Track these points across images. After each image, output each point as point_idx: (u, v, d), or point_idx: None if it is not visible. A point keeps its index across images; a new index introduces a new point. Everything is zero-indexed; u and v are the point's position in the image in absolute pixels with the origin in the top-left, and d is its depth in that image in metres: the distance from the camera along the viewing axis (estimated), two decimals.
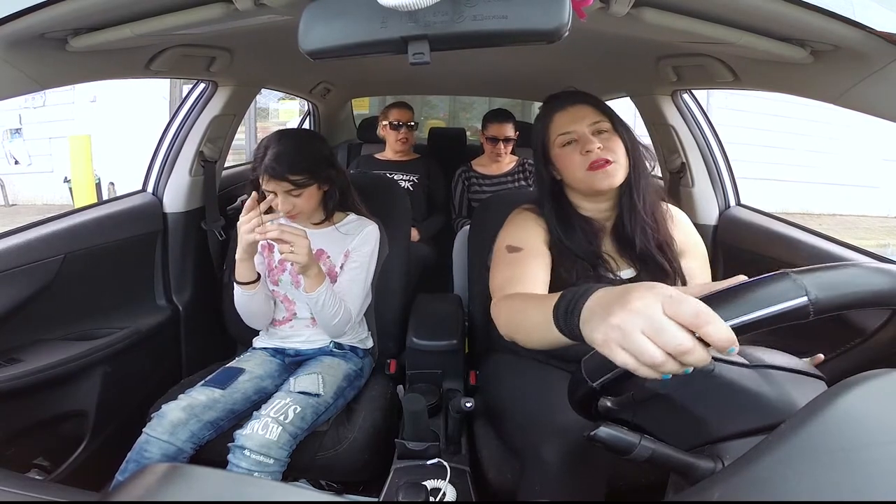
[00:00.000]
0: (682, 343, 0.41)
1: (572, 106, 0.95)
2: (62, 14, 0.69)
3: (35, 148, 6.48)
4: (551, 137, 0.97)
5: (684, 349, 0.41)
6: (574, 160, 0.93)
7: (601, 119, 0.94)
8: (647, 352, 0.42)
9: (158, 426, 0.96)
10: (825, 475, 0.33)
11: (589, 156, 0.91)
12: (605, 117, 0.95)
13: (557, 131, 0.95)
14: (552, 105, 0.98)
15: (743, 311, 0.42)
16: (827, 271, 0.45)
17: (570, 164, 0.94)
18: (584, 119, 0.94)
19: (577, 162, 0.92)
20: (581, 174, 0.93)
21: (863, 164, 6.45)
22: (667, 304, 0.42)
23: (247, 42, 1.16)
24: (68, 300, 1.17)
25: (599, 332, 0.46)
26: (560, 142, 0.95)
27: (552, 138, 0.97)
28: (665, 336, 0.41)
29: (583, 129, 0.93)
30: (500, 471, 0.94)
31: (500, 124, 2.14)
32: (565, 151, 0.95)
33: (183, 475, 0.37)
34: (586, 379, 0.49)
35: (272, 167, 1.06)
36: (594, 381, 0.49)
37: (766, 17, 0.69)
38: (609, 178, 0.91)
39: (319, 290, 1.08)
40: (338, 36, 0.59)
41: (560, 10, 0.54)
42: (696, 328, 0.41)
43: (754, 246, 1.30)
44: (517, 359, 1.07)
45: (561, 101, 0.97)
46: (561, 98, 0.98)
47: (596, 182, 0.92)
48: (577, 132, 0.93)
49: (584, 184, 0.94)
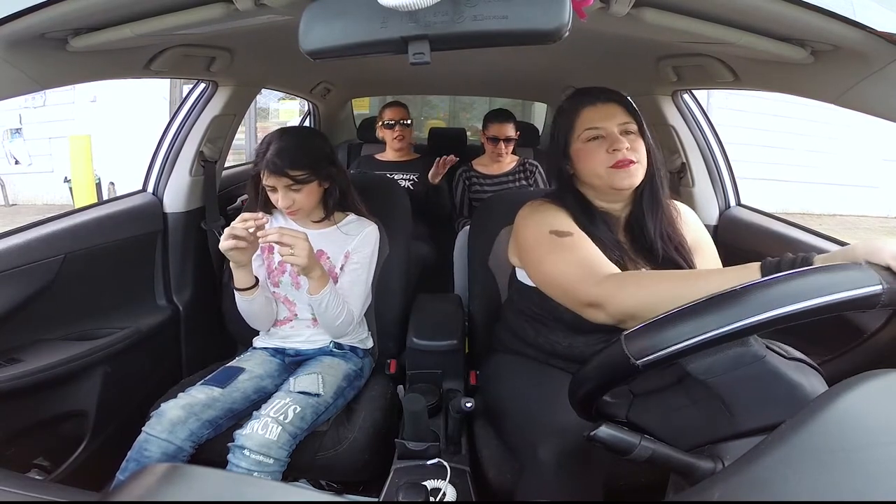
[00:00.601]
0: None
1: (603, 103, 0.94)
2: (62, 14, 0.69)
3: (35, 148, 6.47)
4: (576, 131, 0.95)
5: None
6: (598, 157, 0.92)
7: (629, 120, 0.93)
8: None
9: (157, 425, 0.96)
10: (825, 475, 0.33)
11: (616, 154, 0.90)
12: (633, 119, 0.94)
13: (585, 125, 0.94)
14: (581, 99, 0.96)
15: (820, 292, 0.44)
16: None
17: (593, 161, 0.93)
18: (614, 117, 0.93)
19: (601, 159, 0.92)
20: (602, 171, 0.92)
21: (863, 165, 6.44)
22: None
23: (247, 42, 1.16)
24: (68, 300, 1.17)
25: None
26: (586, 136, 0.93)
27: (577, 132, 0.95)
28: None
29: (612, 127, 0.92)
30: (500, 471, 0.94)
31: (502, 124, 2.14)
32: (589, 147, 0.93)
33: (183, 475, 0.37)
34: (629, 357, 0.47)
35: (273, 162, 1.06)
36: (639, 358, 0.47)
37: (766, 17, 0.69)
38: (630, 178, 0.91)
39: (323, 293, 1.08)
40: (338, 36, 0.59)
41: (560, 10, 0.54)
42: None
43: (754, 246, 1.30)
44: (517, 359, 1.07)
45: (592, 97, 0.96)
46: (592, 93, 0.96)
47: (617, 180, 0.91)
48: (606, 130, 0.92)
49: (604, 181, 0.93)
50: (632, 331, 0.49)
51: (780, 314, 0.43)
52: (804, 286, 0.44)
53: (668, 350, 0.46)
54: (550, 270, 0.88)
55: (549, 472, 0.77)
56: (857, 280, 0.43)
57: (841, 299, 0.43)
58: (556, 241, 0.89)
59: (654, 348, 0.47)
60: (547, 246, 0.90)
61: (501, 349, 1.14)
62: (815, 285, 0.43)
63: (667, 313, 0.48)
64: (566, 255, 0.86)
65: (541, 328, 1.03)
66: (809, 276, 0.45)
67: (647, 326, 0.48)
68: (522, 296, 1.05)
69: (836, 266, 0.45)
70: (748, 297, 0.45)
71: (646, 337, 0.48)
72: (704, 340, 0.45)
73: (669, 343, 0.45)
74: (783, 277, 0.46)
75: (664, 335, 0.46)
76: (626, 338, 0.49)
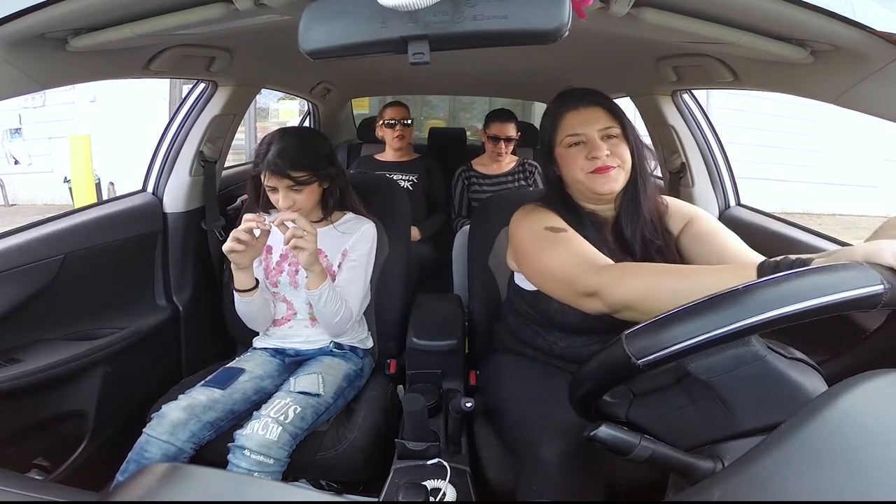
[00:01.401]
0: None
1: (585, 108, 0.93)
2: (62, 14, 0.69)
3: (35, 148, 6.48)
4: (559, 136, 0.95)
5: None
6: (577, 162, 0.92)
7: (612, 124, 0.93)
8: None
9: (158, 426, 0.96)
10: (825, 475, 0.33)
11: (595, 161, 0.90)
12: (617, 121, 0.93)
13: (566, 131, 0.94)
14: (564, 103, 0.96)
15: (820, 292, 0.44)
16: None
17: (573, 166, 0.93)
18: (595, 122, 0.92)
19: (581, 164, 0.92)
20: (582, 176, 0.92)
21: (863, 164, 6.45)
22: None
23: (247, 42, 1.16)
24: (68, 300, 1.17)
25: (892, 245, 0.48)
26: (567, 142, 0.94)
27: (559, 137, 0.95)
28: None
29: (592, 133, 0.92)
30: (500, 471, 0.94)
31: (503, 124, 2.14)
32: (570, 152, 0.93)
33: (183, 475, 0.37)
34: (629, 356, 0.47)
35: (274, 163, 1.07)
36: (640, 358, 0.47)
37: (766, 17, 0.69)
38: (610, 183, 0.91)
39: (322, 287, 1.09)
40: (338, 36, 0.59)
41: (560, 10, 0.54)
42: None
43: (754, 246, 1.30)
44: (517, 359, 1.07)
45: (574, 101, 0.95)
46: (574, 97, 0.96)
47: (597, 185, 0.91)
48: (587, 135, 0.92)
49: (585, 186, 0.93)
50: (632, 330, 0.49)
51: (781, 314, 0.43)
52: (805, 286, 0.43)
53: (669, 350, 0.46)
54: (549, 263, 0.87)
55: (551, 472, 0.77)
56: (858, 280, 0.43)
57: (843, 299, 0.42)
58: (553, 237, 0.89)
59: (655, 348, 0.46)
60: (543, 241, 0.90)
61: (501, 349, 1.15)
62: (816, 285, 0.43)
63: (668, 312, 0.48)
64: (563, 248, 0.87)
65: (539, 329, 1.03)
66: (810, 275, 0.45)
67: (648, 326, 0.48)
68: (520, 299, 1.05)
69: (838, 266, 0.45)
70: (749, 296, 0.45)
71: (647, 336, 0.48)
72: (706, 340, 0.45)
73: (670, 342, 0.45)
74: (783, 277, 0.46)
75: (665, 334, 0.46)
76: (626, 337, 0.49)
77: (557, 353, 1.00)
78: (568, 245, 0.87)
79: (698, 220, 0.98)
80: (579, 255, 0.84)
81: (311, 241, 1.03)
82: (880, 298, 0.43)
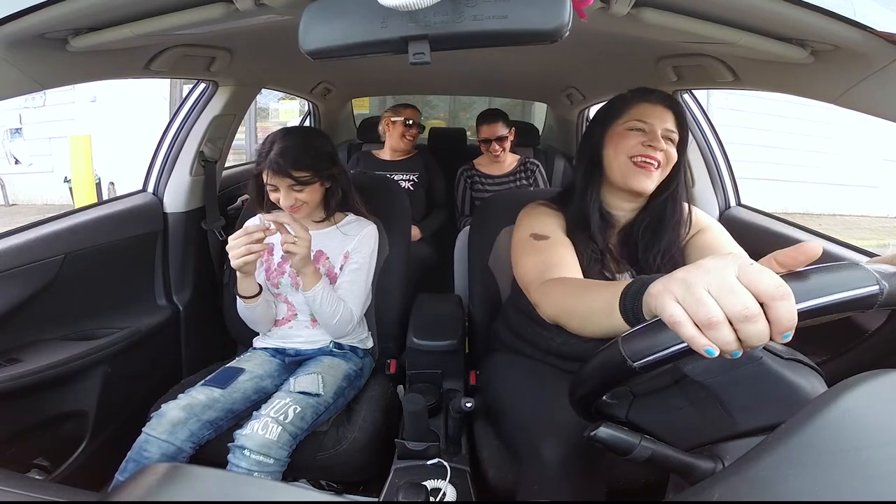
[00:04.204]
0: (749, 307, 0.38)
1: (662, 105, 0.94)
2: (62, 14, 0.69)
3: (35, 148, 6.48)
4: (623, 118, 0.95)
5: (749, 314, 0.38)
6: (630, 142, 0.92)
7: (676, 131, 0.94)
8: (705, 306, 0.39)
9: (158, 426, 0.96)
10: (825, 475, 0.33)
11: (648, 149, 0.91)
12: (681, 132, 0.95)
13: (635, 116, 0.94)
14: (643, 94, 0.97)
15: (815, 294, 0.41)
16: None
17: (626, 144, 0.93)
18: (665, 121, 0.93)
19: (633, 144, 0.92)
20: (624, 160, 0.92)
21: (863, 164, 6.45)
22: (744, 269, 0.40)
23: (247, 42, 1.16)
24: (68, 300, 1.17)
25: (659, 284, 0.43)
26: (630, 125, 0.94)
27: (623, 119, 0.95)
28: (732, 297, 0.39)
29: (658, 128, 0.92)
30: (500, 471, 0.94)
31: (490, 125, 2.14)
32: (629, 133, 0.93)
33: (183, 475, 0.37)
34: (625, 358, 0.47)
35: (276, 162, 1.07)
36: (635, 360, 0.47)
37: (766, 17, 0.69)
38: (646, 181, 0.92)
39: (316, 289, 1.10)
40: (338, 36, 0.59)
41: (560, 10, 0.54)
42: (770, 300, 0.38)
43: (754, 246, 1.29)
44: (517, 359, 1.07)
45: (653, 97, 0.96)
46: (655, 93, 0.97)
47: (632, 176, 0.92)
48: (652, 127, 0.92)
49: (621, 173, 0.93)
50: (629, 333, 0.50)
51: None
52: (802, 288, 0.43)
53: (663, 352, 0.46)
54: (519, 270, 0.92)
55: (551, 472, 0.77)
56: (854, 280, 0.43)
57: (838, 300, 0.42)
58: (531, 244, 0.93)
59: (649, 350, 0.47)
60: (524, 247, 0.94)
61: (501, 349, 1.15)
62: (813, 286, 0.43)
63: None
64: (532, 257, 0.90)
65: (536, 326, 1.03)
66: (807, 277, 0.45)
67: (643, 329, 0.48)
68: (522, 296, 1.05)
69: (834, 266, 0.45)
70: None
71: (642, 339, 0.48)
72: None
73: (665, 345, 0.45)
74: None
75: (660, 337, 0.46)
76: (623, 339, 0.49)
77: (553, 350, 1.01)
78: (538, 254, 0.90)
79: (709, 231, 0.99)
80: (538, 266, 0.87)
81: (303, 246, 1.04)
82: (876, 299, 0.43)
